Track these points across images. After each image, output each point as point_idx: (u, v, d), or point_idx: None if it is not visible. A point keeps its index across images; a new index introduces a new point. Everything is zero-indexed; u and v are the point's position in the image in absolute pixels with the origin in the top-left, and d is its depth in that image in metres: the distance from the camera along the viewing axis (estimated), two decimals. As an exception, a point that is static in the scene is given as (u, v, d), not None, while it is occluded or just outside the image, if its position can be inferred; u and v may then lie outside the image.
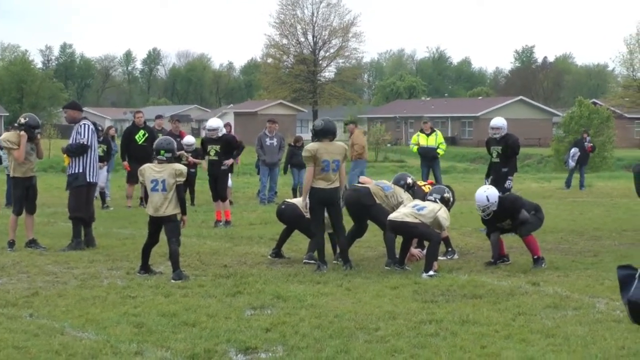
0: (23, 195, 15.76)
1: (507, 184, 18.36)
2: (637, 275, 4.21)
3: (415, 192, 14.77)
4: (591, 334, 9.16)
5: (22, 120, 15.73)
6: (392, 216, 13.61)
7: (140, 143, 23.91)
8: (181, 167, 12.83)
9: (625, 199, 26.66)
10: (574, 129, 57.02)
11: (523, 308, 10.47)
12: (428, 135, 24.65)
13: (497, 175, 18.51)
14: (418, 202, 13.81)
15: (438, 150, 24.56)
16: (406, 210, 13.55)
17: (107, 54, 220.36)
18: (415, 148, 24.85)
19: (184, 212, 12.82)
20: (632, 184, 17.90)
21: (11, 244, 15.58)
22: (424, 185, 15.52)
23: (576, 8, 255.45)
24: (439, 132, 25.35)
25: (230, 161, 19.79)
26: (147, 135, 24.01)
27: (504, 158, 18.55)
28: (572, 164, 33.74)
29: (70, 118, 16.13)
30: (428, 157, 24.54)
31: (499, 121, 18.93)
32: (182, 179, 12.66)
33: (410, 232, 13.50)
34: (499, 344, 8.75)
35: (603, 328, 9.43)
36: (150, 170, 12.77)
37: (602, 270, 13.37)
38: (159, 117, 26.67)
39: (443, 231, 14.11)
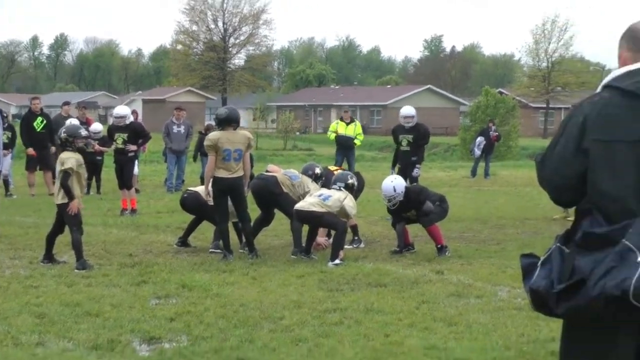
0: None
1: (415, 172, 18.56)
2: (539, 264, 4.27)
3: (326, 177, 14.80)
4: (493, 321, 9.30)
5: None
6: (299, 205, 13.62)
7: (38, 130, 23.60)
8: (65, 156, 12.54)
9: (529, 188, 27.08)
10: (481, 118, 57.70)
11: (427, 296, 10.58)
12: (347, 124, 24.72)
13: (405, 163, 18.67)
14: (324, 191, 13.84)
15: (355, 141, 24.65)
16: (312, 200, 13.57)
17: (13, 39, 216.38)
18: (332, 136, 24.89)
19: (70, 198, 12.56)
20: (535, 173, 18.18)
21: None
22: (336, 170, 15.57)
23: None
24: (358, 123, 25.45)
25: (133, 147, 19.59)
26: (45, 122, 23.70)
27: (414, 147, 18.72)
28: (477, 152, 34.18)
29: None
30: (345, 146, 24.61)
31: (411, 110, 19.12)
32: (64, 167, 12.42)
33: (317, 221, 13.53)
34: (403, 332, 8.82)
35: (504, 316, 9.58)
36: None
37: (505, 258, 13.56)
38: (66, 103, 26.33)
39: (351, 219, 14.20)
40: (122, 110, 20.26)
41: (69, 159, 12.51)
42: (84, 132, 13.01)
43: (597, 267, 4.00)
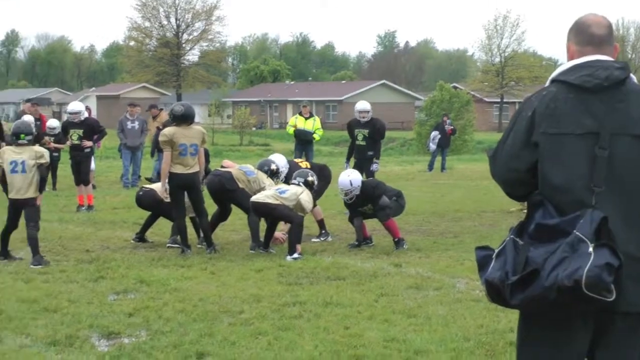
0: None
1: (374, 167, 18.63)
2: (493, 256, 4.30)
3: (291, 168, 14.79)
4: (451, 313, 9.35)
5: None
6: (255, 197, 13.61)
7: None
8: (42, 150, 12.63)
9: (485, 181, 27.18)
10: (436, 112, 58.01)
11: (386, 289, 10.61)
12: (306, 119, 24.65)
13: (362, 158, 18.73)
14: (282, 186, 13.85)
15: (314, 135, 24.61)
16: (269, 192, 13.58)
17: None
18: (291, 130, 24.79)
19: (40, 190, 12.56)
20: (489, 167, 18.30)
21: None
22: (300, 162, 15.57)
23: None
24: (317, 118, 25.36)
25: (89, 143, 19.48)
26: None
27: (370, 141, 18.79)
28: (433, 147, 34.34)
29: None
30: (304, 140, 24.54)
31: (366, 105, 19.22)
32: (43, 161, 12.42)
33: (271, 213, 13.51)
34: (362, 324, 8.85)
35: (463, 307, 9.63)
36: (9, 152, 12.54)
37: (462, 250, 13.64)
38: (34, 103, 26.20)
39: (318, 214, 14.25)
40: (76, 106, 20.12)
41: (47, 153, 12.60)
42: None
43: (550, 258, 4.05)
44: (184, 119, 13.54)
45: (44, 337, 8.32)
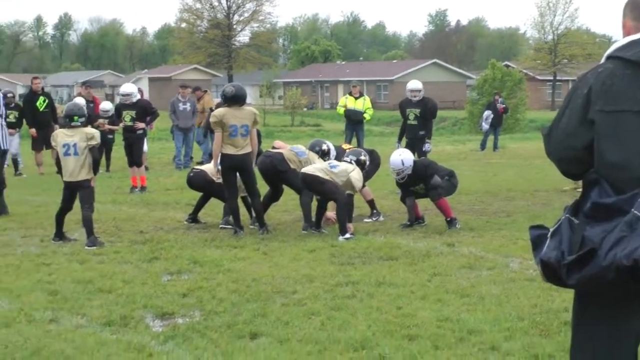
0: None
1: (426, 147, 18.53)
2: (548, 235, 4.25)
3: (338, 154, 14.79)
4: (505, 292, 9.29)
5: None
6: (305, 169, 13.61)
7: (41, 110, 23.65)
8: (93, 131, 12.71)
9: (538, 160, 27.01)
10: (488, 91, 57.53)
11: (438, 269, 10.58)
12: (356, 98, 24.56)
13: (413, 137, 18.65)
14: (333, 161, 13.83)
15: (365, 115, 24.52)
16: (319, 166, 13.56)
17: (17, 19, 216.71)
18: (342, 110, 24.73)
19: (94, 171, 12.67)
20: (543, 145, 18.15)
21: None
22: (348, 148, 15.52)
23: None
24: (367, 97, 25.27)
25: (141, 125, 19.54)
26: (47, 101, 23.79)
27: (422, 121, 18.70)
28: (485, 127, 34.13)
29: None
30: (354, 120, 24.46)
31: (418, 84, 19.12)
32: (94, 142, 12.50)
33: (319, 187, 13.43)
34: (415, 304, 8.83)
35: (516, 287, 9.57)
36: (62, 135, 12.64)
37: (515, 230, 13.56)
38: (87, 86, 26.42)
39: (368, 194, 14.24)
40: (128, 88, 20.20)
41: (98, 134, 12.67)
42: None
43: (607, 237, 3.99)
44: (234, 99, 13.54)
45: (99, 318, 8.39)
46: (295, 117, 76.57)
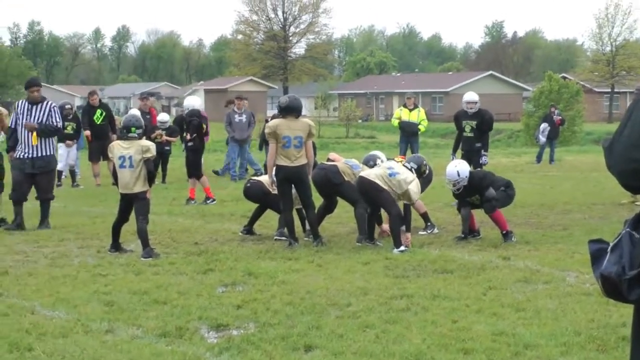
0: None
1: (483, 160, 18.41)
2: (608, 249, 4.19)
3: None
4: (561, 307, 9.21)
5: None
6: (364, 173, 13.57)
7: (99, 123, 23.86)
8: (148, 144, 12.76)
9: (595, 173, 26.80)
10: (544, 103, 57.13)
11: (494, 282, 10.51)
12: (411, 110, 24.51)
13: (470, 149, 18.54)
14: (394, 165, 13.69)
15: (419, 126, 24.45)
16: (379, 171, 13.46)
17: (76, 31, 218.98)
18: (396, 122, 24.67)
19: (149, 183, 12.74)
20: (601, 157, 17.97)
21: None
22: (400, 160, 15.42)
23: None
24: (421, 109, 25.19)
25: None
26: (104, 113, 23.99)
27: (477, 133, 18.61)
28: (542, 139, 33.87)
29: (39, 97, 15.66)
30: (409, 132, 24.40)
31: (474, 96, 19.05)
32: (149, 155, 12.57)
33: (374, 194, 13.32)
34: (470, 318, 8.77)
35: (573, 301, 9.48)
36: (118, 147, 12.72)
37: (572, 243, 13.44)
38: (144, 97, 26.62)
39: (421, 207, 14.20)
40: (194, 101, 20.38)
41: (153, 147, 12.74)
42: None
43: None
44: (288, 110, 13.58)
45: (154, 329, 8.43)
46: (350, 129, 76.62)
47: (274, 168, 13.58)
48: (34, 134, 15.38)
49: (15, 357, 7.57)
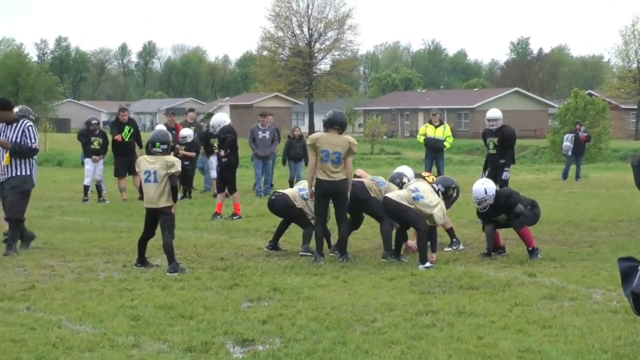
0: None
1: (504, 175, 18.37)
2: (639, 267, 4.16)
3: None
4: (588, 324, 9.17)
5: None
6: (388, 195, 13.57)
7: (127, 140, 23.95)
8: (173, 159, 12.76)
9: (621, 190, 26.68)
10: (570, 120, 56.94)
11: (520, 299, 10.48)
12: (436, 127, 24.47)
13: (494, 166, 18.52)
14: (420, 186, 13.60)
15: (445, 143, 24.40)
16: (403, 193, 13.46)
17: (103, 47, 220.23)
18: (422, 139, 24.64)
19: (175, 200, 12.76)
20: (628, 174, 17.92)
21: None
22: (428, 176, 15.31)
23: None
24: (447, 125, 25.14)
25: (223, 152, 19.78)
26: (132, 130, 24.09)
27: (500, 149, 18.58)
28: (568, 145, 33.65)
29: (11, 117, 14.81)
30: (434, 148, 24.37)
31: (495, 113, 18.99)
32: (173, 171, 12.59)
33: (400, 215, 13.38)
34: (496, 334, 8.75)
35: (600, 318, 9.43)
36: (144, 162, 12.77)
37: (598, 261, 13.39)
38: (171, 113, 26.79)
39: (447, 223, 14.21)
40: (224, 117, 20.48)
41: (178, 162, 12.76)
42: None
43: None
44: (330, 124, 13.73)
45: (180, 343, 8.45)
46: (375, 145, 76.67)
47: (314, 180, 13.71)
48: (7, 153, 14.70)
49: (42, 370, 7.61)
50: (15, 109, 15.48)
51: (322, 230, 13.78)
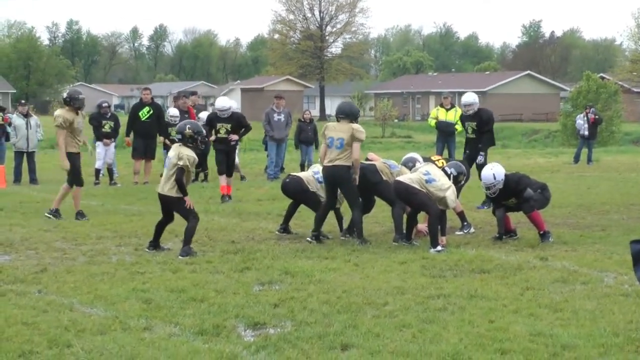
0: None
1: (479, 159, 18.02)
2: (651, 250, 4.15)
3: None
4: (599, 308, 9.16)
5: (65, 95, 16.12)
6: (400, 178, 13.59)
7: (143, 119, 23.82)
8: (185, 153, 12.61)
9: (633, 173, 26.63)
10: (582, 103, 56.70)
11: (531, 282, 10.47)
12: (448, 110, 24.35)
13: (474, 150, 18.32)
14: (431, 170, 13.62)
15: (456, 126, 24.29)
16: (415, 176, 13.44)
17: (114, 30, 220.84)
18: (433, 122, 24.52)
19: (184, 194, 12.72)
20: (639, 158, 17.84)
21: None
22: (438, 160, 15.28)
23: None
24: (458, 108, 24.96)
25: (235, 137, 19.77)
26: (152, 112, 23.88)
27: (478, 133, 18.39)
28: (581, 122, 33.49)
29: None
30: (445, 132, 24.26)
31: (469, 97, 18.73)
32: (181, 163, 12.55)
33: (411, 197, 13.35)
34: (507, 318, 8.75)
35: (611, 302, 9.42)
36: (172, 147, 12.99)
37: (610, 244, 13.37)
38: (182, 95, 26.68)
39: (458, 207, 14.20)
40: (226, 102, 20.39)
41: (190, 156, 12.70)
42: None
43: None
44: (338, 113, 14.08)
45: (191, 326, 8.47)
46: (386, 129, 76.61)
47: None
48: None
49: (54, 353, 7.64)
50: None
51: (326, 213, 14.01)
